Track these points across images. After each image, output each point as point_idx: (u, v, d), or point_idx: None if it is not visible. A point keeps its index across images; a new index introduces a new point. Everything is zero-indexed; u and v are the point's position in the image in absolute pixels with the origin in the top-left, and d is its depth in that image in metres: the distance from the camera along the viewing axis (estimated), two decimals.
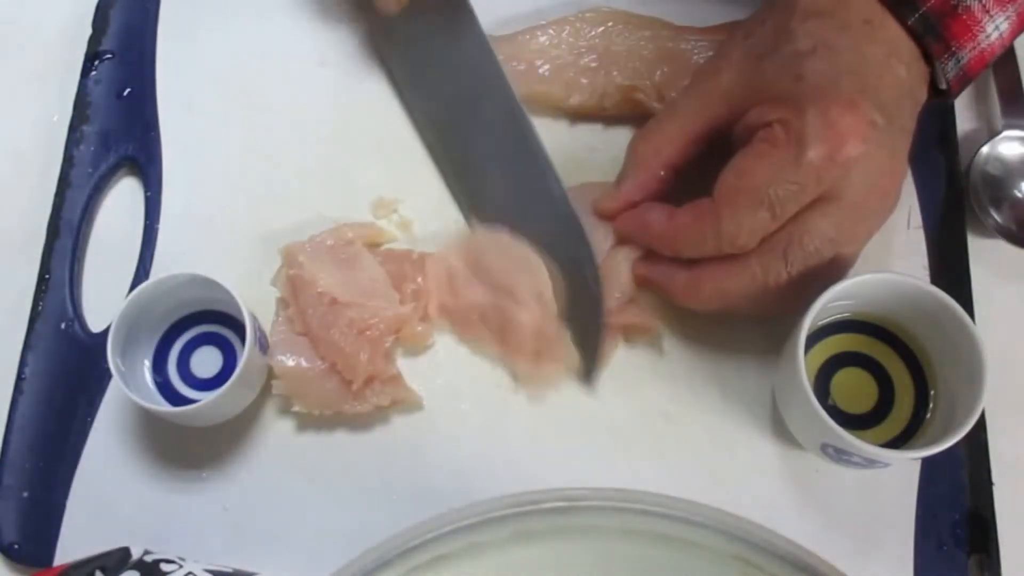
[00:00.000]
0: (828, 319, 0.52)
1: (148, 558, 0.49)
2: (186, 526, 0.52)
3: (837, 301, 0.50)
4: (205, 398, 0.49)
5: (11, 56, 0.63)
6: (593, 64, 0.58)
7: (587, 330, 0.53)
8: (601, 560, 0.38)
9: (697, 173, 0.51)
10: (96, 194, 0.59)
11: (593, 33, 0.58)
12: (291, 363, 0.52)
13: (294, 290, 0.54)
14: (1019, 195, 0.58)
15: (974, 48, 0.49)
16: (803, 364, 0.47)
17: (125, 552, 0.49)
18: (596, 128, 0.59)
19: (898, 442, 0.51)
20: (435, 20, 0.57)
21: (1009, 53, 0.60)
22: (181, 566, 0.49)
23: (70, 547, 0.52)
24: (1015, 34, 0.50)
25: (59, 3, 0.64)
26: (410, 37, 0.58)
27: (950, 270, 0.56)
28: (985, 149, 0.58)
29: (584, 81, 0.58)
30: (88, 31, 0.62)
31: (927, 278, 0.56)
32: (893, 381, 0.52)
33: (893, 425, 0.51)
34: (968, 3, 0.48)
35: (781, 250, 0.47)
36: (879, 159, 0.47)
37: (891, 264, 0.56)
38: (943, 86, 0.51)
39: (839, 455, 0.48)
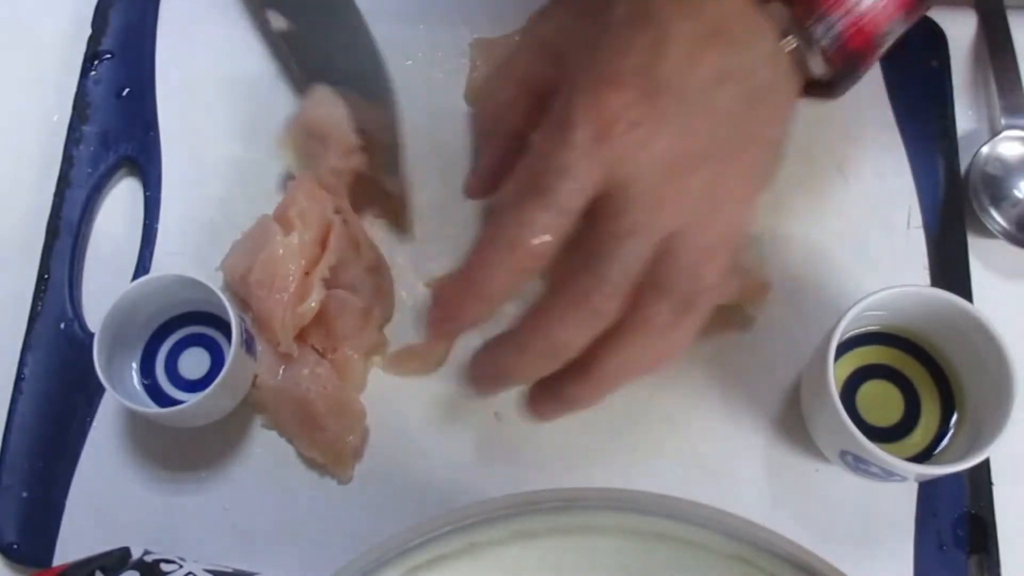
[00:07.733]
0: (859, 330, 0.52)
1: (148, 558, 0.49)
2: (186, 526, 0.52)
3: (869, 312, 0.49)
4: (191, 400, 0.49)
5: (11, 56, 0.63)
6: None
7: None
8: (601, 560, 0.37)
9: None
10: (96, 194, 0.59)
11: None
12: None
13: (245, 294, 0.54)
14: (1019, 195, 0.58)
15: (846, 15, 0.43)
16: (832, 371, 0.47)
17: (125, 552, 0.49)
18: None
19: (921, 458, 0.50)
20: None
21: (1009, 54, 0.60)
22: (181, 566, 0.49)
23: (70, 547, 0.52)
24: (903, 6, 0.44)
25: (59, 3, 0.64)
26: None
27: (950, 270, 0.56)
28: (985, 149, 0.58)
29: None
30: (88, 31, 0.62)
31: (927, 278, 0.56)
32: (920, 396, 0.52)
33: (917, 440, 0.51)
34: None
35: (656, 290, 0.41)
36: (666, 136, 0.41)
37: (891, 264, 0.56)
38: (817, 71, 0.44)
39: (857, 464, 0.48)
